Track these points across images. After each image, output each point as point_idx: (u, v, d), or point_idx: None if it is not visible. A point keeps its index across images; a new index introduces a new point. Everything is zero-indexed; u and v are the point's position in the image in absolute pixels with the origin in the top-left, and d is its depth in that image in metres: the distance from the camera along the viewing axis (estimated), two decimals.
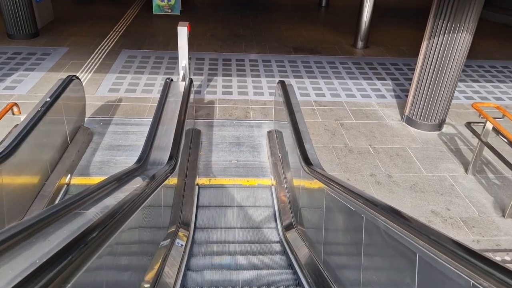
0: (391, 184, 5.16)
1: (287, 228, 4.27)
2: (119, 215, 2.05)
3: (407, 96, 7.46)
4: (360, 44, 9.87)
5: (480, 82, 8.27)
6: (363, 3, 9.41)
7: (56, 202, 4.52)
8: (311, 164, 3.66)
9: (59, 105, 4.85)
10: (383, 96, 7.49)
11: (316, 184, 3.46)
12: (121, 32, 10.06)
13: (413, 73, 8.46)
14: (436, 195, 5.00)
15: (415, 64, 9.02)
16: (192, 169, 4.97)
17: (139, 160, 3.63)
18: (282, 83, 5.48)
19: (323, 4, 13.76)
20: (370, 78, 8.22)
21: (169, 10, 11.79)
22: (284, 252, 4.04)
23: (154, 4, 11.82)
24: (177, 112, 4.69)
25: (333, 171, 5.26)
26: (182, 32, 6.04)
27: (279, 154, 5.28)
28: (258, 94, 7.33)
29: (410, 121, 6.50)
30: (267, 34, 10.58)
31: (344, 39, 10.48)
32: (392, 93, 7.62)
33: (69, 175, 4.88)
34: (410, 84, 7.92)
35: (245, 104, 6.96)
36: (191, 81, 5.57)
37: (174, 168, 3.51)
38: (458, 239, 1.69)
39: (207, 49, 9.33)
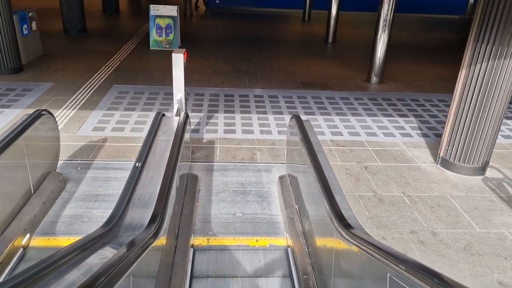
0: (438, 244, 4.06)
1: None
2: None
3: (436, 135, 6.50)
4: (374, 79, 9.04)
5: None
6: (377, 37, 8.68)
7: (6, 271, 3.42)
8: (351, 227, 2.60)
9: (19, 145, 3.85)
10: (408, 135, 6.52)
11: (360, 254, 2.41)
12: (114, 67, 9.25)
13: (437, 110, 7.56)
14: (499, 259, 3.89)
15: (438, 100, 8.22)
16: (186, 226, 3.90)
17: (107, 223, 2.58)
18: (297, 118, 4.51)
19: (330, 40, 13.12)
20: (390, 115, 7.28)
21: (167, 46, 11.07)
22: None
23: (151, 39, 11.12)
24: (168, 153, 3.68)
25: (363, 227, 4.18)
26: (178, 60, 5.15)
27: (296, 206, 4.22)
28: (265, 133, 6.36)
29: (446, 164, 5.48)
30: (273, 69, 9.77)
31: (356, 74, 9.66)
32: (419, 132, 6.65)
33: (28, 235, 3.80)
34: (436, 122, 6.99)
35: (250, 144, 5.97)
36: (186, 116, 4.60)
37: (157, 234, 2.45)
38: None
39: (207, 84, 8.46)
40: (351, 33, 14.81)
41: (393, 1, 8.38)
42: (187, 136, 4.80)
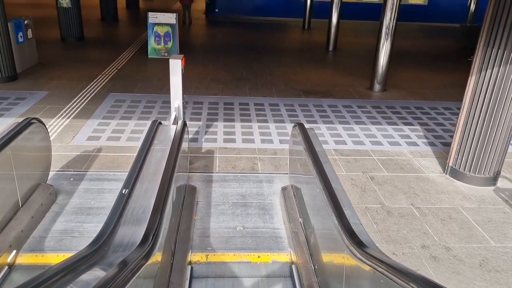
0: (452, 260, 3.81)
1: None
2: None
3: (443, 143, 6.28)
4: (377, 87, 8.84)
5: None
6: (380, 45, 8.51)
7: None
8: (364, 245, 2.36)
9: (6, 156, 3.62)
10: (414, 144, 6.29)
11: (375, 275, 2.17)
12: (111, 75, 9.05)
13: (443, 118, 7.35)
14: None
15: (443, 108, 8.02)
16: (183, 241, 3.65)
17: (95, 241, 2.34)
18: (300, 126, 4.28)
19: (330, 48, 12.96)
20: (395, 123, 7.06)
21: (166, 54, 10.89)
22: None
23: (149, 48, 10.94)
24: (164, 164, 3.44)
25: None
26: (176, 66, 4.93)
27: (300, 220, 3.98)
28: (267, 142, 6.13)
29: (456, 174, 5.25)
30: (273, 77, 9.58)
31: (358, 82, 9.47)
32: (425, 140, 6.43)
33: (14, 252, 3.55)
34: (443, 130, 6.78)
35: (251, 154, 5.73)
36: (184, 124, 4.38)
37: (149, 254, 2.21)
38: None
39: (206, 92, 8.25)
40: (352, 41, 14.68)
41: (395, 10, 8.22)
42: (185, 145, 4.57)
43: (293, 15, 19.28)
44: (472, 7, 17.08)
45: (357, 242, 2.34)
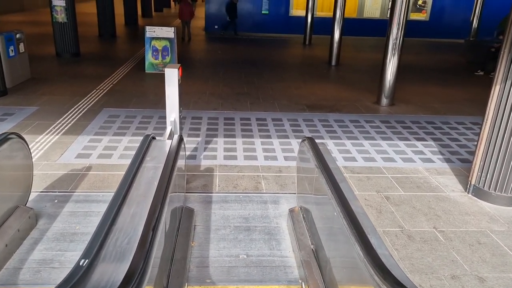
0: None
1: None
2: None
3: (460, 160, 5.84)
4: (384, 101, 8.44)
5: None
6: (386, 60, 8.16)
7: None
8: (401, 285, 1.89)
9: None
10: (429, 160, 5.84)
11: None
12: (105, 91, 8.65)
13: (456, 133, 6.93)
14: None
15: (456, 122, 7.58)
16: (178, 273, 3.16)
17: (66, 282, 1.86)
18: (310, 141, 3.84)
19: (333, 63, 12.63)
20: (407, 139, 6.62)
21: (164, 69, 10.50)
22: None
23: (147, 62, 10.58)
24: (156, 183, 2.98)
25: None
26: (172, 76, 4.52)
27: (312, 247, 3.49)
28: (270, 159, 5.68)
29: (480, 193, 4.78)
30: (275, 92, 9.18)
31: (364, 96, 9.08)
32: (440, 156, 5.98)
33: None
34: (458, 146, 6.34)
35: (254, 172, 5.27)
36: (181, 139, 3.93)
37: None
38: None
39: (206, 107, 7.84)
40: (354, 56, 14.37)
41: (402, 25, 7.89)
42: (181, 163, 4.12)
43: (294, 32, 19.07)
44: (475, 22, 16.89)
45: (396, 282, 1.86)
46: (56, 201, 4.40)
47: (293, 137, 6.50)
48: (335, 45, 12.54)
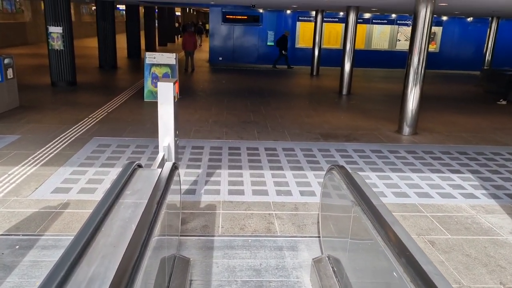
0: None
1: None
2: None
3: (508, 195, 4.92)
4: (407, 130, 7.60)
5: None
6: (408, 85, 7.46)
7: None
8: None
9: None
10: (472, 196, 4.92)
11: None
12: (99, 119, 7.86)
13: (496, 164, 6.04)
14: None
15: (491, 152, 6.67)
16: None
17: None
18: (342, 170, 2.97)
19: (344, 92, 11.91)
20: (440, 171, 5.73)
21: None
22: None
23: (145, 90, 9.87)
24: (134, 226, 2.10)
25: None
26: (166, 92, 3.70)
27: None
28: (284, 194, 4.78)
29: None
30: (285, 120, 8.38)
31: (382, 125, 8.25)
32: (484, 192, 5.06)
33: None
34: (502, 179, 5.46)
35: (265, 209, 4.36)
36: (174, 167, 3.07)
37: None
38: None
39: (208, 136, 7.01)
40: (365, 86, 13.67)
41: (424, 53, 7.27)
42: (175, 198, 3.24)
43: (300, 63, 18.53)
44: (489, 53, 16.41)
45: None
46: (17, 247, 3.49)
47: (308, 168, 5.62)
48: (346, 73, 11.89)
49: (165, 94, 3.70)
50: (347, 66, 11.86)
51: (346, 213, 2.72)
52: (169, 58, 9.83)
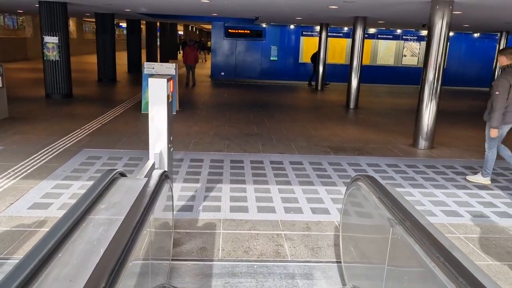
0: None
1: None
2: None
3: None
4: (423, 143, 7.05)
5: None
6: (424, 98, 7.00)
7: None
8: None
9: None
10: (507, 215, 4.33)
11: None
12: (91, 130, 7.34)
13: None
14: None
15: None
16: None
17: None
18: (372, 181, 2.40)
19: (351, 106, 11.40)
20: (466, 187, 5.15)
21: None
22: None
23: (143, 102, 9.37)
24: (102, 249, 1.53)
25: None
26: (158, 90, 3.16)
27: None
28: (294, 211, 4.20)
29: None
30: (291, 133, 7.83)
31: (395, 138, 7.70)
32: None
33: None
34: None
35: (272, 229, 3.78)
36: (164, 177, 2.51)
37: None
38: None
39: (208, 148, 6.46)
40: (371, 101, 13.17)
41: (441, 65, 6.90)
42: (166, 215, 2.67)
43: (303, 79, 18.10)
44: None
45: None
46: None
47: (319, 183, 5.05)
48: (353, 86, 11.41)
49: (157, 93, 3.16)
50: (355, 82, 11.40)
51: (381, 234, 2.15)
52: (169, 68, 9.35)
